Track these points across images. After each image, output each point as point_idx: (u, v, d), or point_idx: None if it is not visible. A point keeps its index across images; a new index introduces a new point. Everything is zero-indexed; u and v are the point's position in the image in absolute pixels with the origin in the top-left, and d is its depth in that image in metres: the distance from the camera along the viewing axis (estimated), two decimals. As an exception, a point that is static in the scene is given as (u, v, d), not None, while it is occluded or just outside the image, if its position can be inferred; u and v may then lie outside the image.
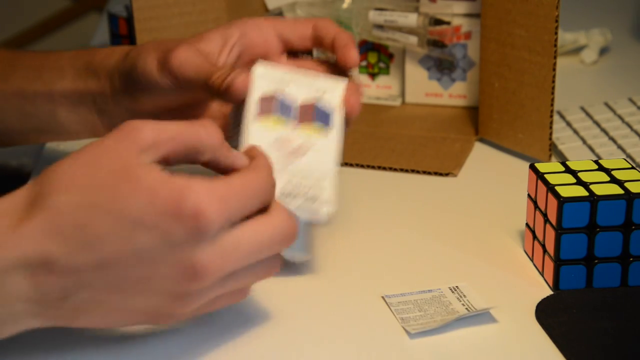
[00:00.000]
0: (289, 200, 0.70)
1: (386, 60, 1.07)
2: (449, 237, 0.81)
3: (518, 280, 0.75)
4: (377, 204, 0.87)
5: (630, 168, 0.74)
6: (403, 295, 0.72)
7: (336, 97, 0.74)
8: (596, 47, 1.19)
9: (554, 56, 0.89)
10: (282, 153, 0.71)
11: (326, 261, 0.78)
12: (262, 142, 0.70)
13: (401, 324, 0.69)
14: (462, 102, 1.05)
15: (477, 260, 0.77)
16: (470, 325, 0.69)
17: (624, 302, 0.71)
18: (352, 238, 0.81)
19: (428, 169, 0.93)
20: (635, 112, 0.99)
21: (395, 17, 1.02)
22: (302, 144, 0.72)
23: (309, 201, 0.71)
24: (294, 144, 0.71)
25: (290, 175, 0.71)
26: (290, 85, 0.73)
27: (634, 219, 0.71)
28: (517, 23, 0.91)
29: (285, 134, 0.71)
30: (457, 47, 1.03)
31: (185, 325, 0.69)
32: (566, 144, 0.94)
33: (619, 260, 0.72)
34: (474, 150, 0.97)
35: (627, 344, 0.67)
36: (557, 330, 0.68)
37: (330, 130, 0.73)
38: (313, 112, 0.73)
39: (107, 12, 1.16)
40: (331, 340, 0.69)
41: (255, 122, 0.71)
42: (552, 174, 0.74)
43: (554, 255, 0.72)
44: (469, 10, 1.02)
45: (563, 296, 0.72)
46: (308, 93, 0.73)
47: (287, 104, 0.72)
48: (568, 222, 0.71)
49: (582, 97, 1.06)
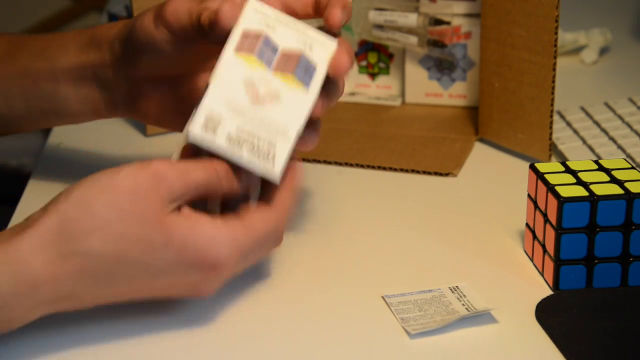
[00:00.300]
0: (235, 149, 0.66)
1: (386, 60, 1.07)
2: (449, 237, 0.81)
3: (518, 280, 0.75)
4: (377, 204, 0.87)
5: (630, 168, 0.74)
6: (403, 295, 0.72)
7: (324, 54, 0.70)
8: (596, 47, 1.19)
9: (554, 56, 0.89)
10: (249, 94, 0.67)
11: (326, 261, 0.78)
12: (234, 76, 0.67)
13: (401, 324, 0.69)
14: (462, 102, 1.05)
15: (477, 260, 0.77)
16: (470, 325, 0.69)
17: (624, 302, 0.71)
18: (352, 238, 0.81)
19: (428, 169, 0.93)
20: (635, 112, 0.99)
21: (395, 17, 1.02)
22: (272, 91, 0.68)
23: (255, 155, 0.67)
24: (264, 88, 0.68)
25: (247, 121, 0.67)
26: (280, 28, 0.70)
27: (634, 219, 0.71)
28: (517, 23, 0.91)
29: (259, 75, 0.68)
30: (457, 47, 1.03)
31: (182, 325, 0.69)
32: (566, 144, 0.94)
33: (619, 260, 0.72)
34: (474, 150, 0.97)
35: (627, 344, 0.67)
36: (557, 330, 0.68)
37: (307, 86, 0.69)
38: (296, 62, 0.69)
39: (107, 12, 1.16)
40: (331, 340, 0.69)
41: (233, 53, 0.68)
42: (552, 174, 0.74)
43: (554, 255, 0.72)
44: (469, 10, 1.02)
45: (563, 296, 0.72)
46: (296, 42, 0.70)
47: (271, 45, 0.69)
48: (568, 222, 0.71)
49: (582, 97, 1.06)
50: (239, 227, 0.66)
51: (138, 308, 0.69)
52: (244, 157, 0.66)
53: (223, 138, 0.66)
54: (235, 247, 0.66)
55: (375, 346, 0.68)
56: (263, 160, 0.67)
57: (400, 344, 0.68)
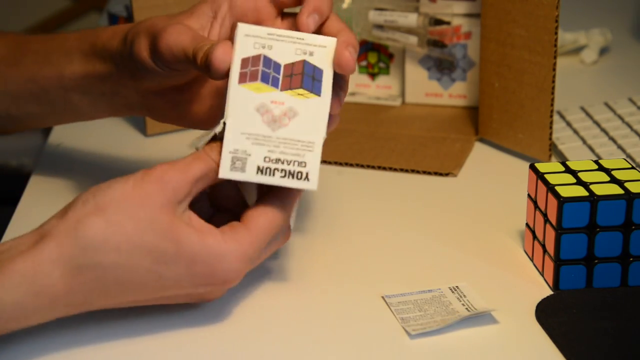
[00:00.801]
0: (267, 179, 0.67)
1: (386, 60, 1.07)
2: (449, 237, 0.81)
3: (518, 280, 0.75)
4: (377, 204, 0.87)
5: (630, 168, 0.74)
6: (403, 295, 0.72)
7: (326, 55, 0.70)
8: (596, 47, 1.19)
9: (554, 56, 0.89)
10: (267, 119, 0.68)
11: (326, 261, 0.78)
12: (246, 108, 0.68)
13: (401, 324, 0.69)
14: (462, 102, 1.05)
15: (477, 260, 0.77)
16: (470, 325, 0.69)
17: (624, 302, 0.71)
18: (352, 238, 0.81)
19: (428, 169, 0.93)
20: (635, 112, 0.99)
21: (395, 17, 1.02)
22: (288, 108, 0.69)
23: (289, 178, 0.68)
24: (279, 108, 0.69)
25: (272, 147, 0.68)
26: (276, 45, 0.70)
27: (634, 219, 0.71)
28: (517, 23, 0.91)
29: (271, 98, 0.69)
30: (457, 47, 1.03)
31: (181, 325, 0.69)
32: (566, 144, 0.94)
33: (619, 260, 0.72)
34: (474, 150, 0.97)
35: (627, 344, 0.67)
36: (557, 330, 0.68)
37: (319, 93, 0.69)
38: (301, 74, 0.69)
39: (107, 12, 1.16)
40: (331, 341, 0.69)
41: (238, 86, 0.68)
42: (552, 174, 0.74)
43: (554, 255, 0.72)
44: (469, 10, 1.02)
45: (563, 296, 0.72)
46: (295, 53, 0.70)
47: (272, 65, 0.69)
48: (568, 222, 0.71)
49: (582, 97, 1.06)
50: (247, 238, 0.67)
51: (138, 307, 0.69)
52: (279, 183, 0.68)
53: (253, 172, 0.67)
54: (244, 261, 0.67)
55: (375, 346, 0.68)
56: (297, 182, 0.68)
57: (400, 344, 0.68)
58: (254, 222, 0.68)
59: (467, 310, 0.70)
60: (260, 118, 0.68)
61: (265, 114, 0.68)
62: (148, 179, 0.66)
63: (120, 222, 0.64)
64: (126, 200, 0.65)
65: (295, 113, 0.69)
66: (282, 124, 0.68)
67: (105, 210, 0.65)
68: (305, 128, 0.68)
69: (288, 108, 0.69)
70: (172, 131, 1.00)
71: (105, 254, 0.64)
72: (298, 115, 0.69)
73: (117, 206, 0.65)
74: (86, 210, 0.65)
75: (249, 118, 0.68)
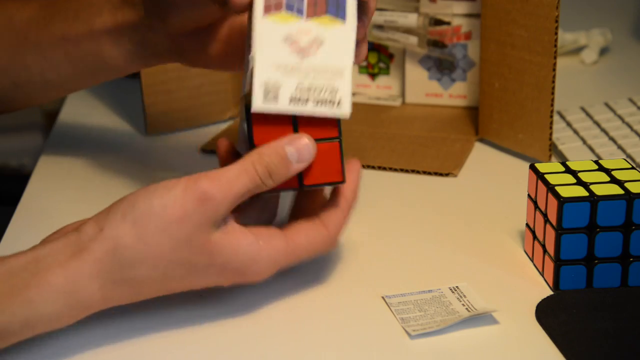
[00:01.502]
0: (300, 107, 0.67)
1: (386, 61, 1.07)
2: (449, 237, 0.81)
3: (518, 281, 0.75)
4: (377, 204, 0.87)
5: (630, 168, 0.74)
6: (403, 296, 0.72)
7: None
8: (596, 47, 1.19)
9: (554, 56, 0.89)
10: (294, 49, 0.68)
11: (326, 261, 0.78)
12: (273, 39, 0.68)
13: (401, 324, 0.69)
14: (462, 102, 1.05)
15: (477, 261, 0.77)
16: (470, 325, 0.69)
17: (624, 302, 0.71)
18: (351, 238, 0.81)
19: (428, 169, 0.93)
20: (635, 112, 0.99)
21: (395, 17, 1.02)
22: (314, 38, 0.68)
23: (322, 104, 0.68)
24: (306, 38, 0.68)
25: (302, 77, 0.68)
26: None
27: (634, 219, 0.71)
28: (517, 23, 0.91)
29: (296, 28, 0.68)
30: (457, 47, 1.03)
31: (180, 325, 0.69)
32: (566, 144, 0.94)
33: (619, 260, 0.72)
34: (474, 151, 0.97)
35: (627, 344, 0.67)
36: (557, 331, 0.68)
37: (344, 19, 0.69)
38: (325, 0, 0.69)
39: None
40: (331, 341, 0.69)
41: (263, 18, 0.68)
42: (552, 174, 0.74)
43: (554, 256, 0.72)
44: (469, 10, 1.02)
45: (563, 296, 0.72)
46: None
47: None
48: (568, 222, 0.71)
49: (582, 97, 1.06)
50: (282, 248, 0.68)
51: (141, 304, 0.69)
52: (312, 111, 0.67)
53: (286, 101, 0.67)
54: (274, 267, 0.69)
55: (375, 346, 0.68)
56: (331, 108, 0.68)
57: (400, 345, 0.68)
58: (293, 237, 0.69)
59: (468, 311, 0.70)
60: (289, 49, 0.68)
61: (293, 44, 0.68)
62: (190, 196, 0.65)
63: (158, 243, 0.65)
64: (166, 216, 0.65)
65: (322, 41, 0.68)
66: (310, 53, 0.68)
67: (144, 228, 0.65)
68: (334, 55, 0.68)
69: (314, 37, 0.68)
70: (172, 131, 1.00)
71: (143, 271, 0.66)
72: (325, 43, 0.69)
73: (156, 225, 0.65)
74: (125, 229, 0.65)
75: (277, 49, 0.68)
